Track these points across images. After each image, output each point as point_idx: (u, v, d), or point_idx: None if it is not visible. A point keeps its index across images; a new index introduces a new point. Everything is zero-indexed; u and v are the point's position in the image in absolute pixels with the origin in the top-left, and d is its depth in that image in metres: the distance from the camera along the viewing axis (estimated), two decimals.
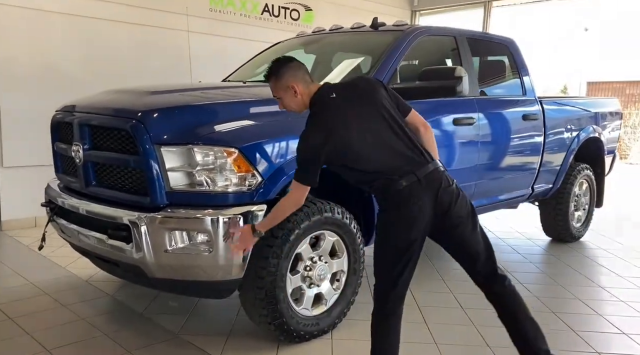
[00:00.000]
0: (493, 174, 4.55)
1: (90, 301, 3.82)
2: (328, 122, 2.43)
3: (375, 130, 2.45)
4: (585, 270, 4.89)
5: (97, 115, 3.12)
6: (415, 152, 2.48)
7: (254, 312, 3.11)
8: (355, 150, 2.42)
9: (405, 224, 2.41)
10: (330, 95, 2.51)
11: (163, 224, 2.81)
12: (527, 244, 5.75)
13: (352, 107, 2.48)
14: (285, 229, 3.01)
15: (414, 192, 2.39)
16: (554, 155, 5.23)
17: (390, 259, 2.46)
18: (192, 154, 2.82)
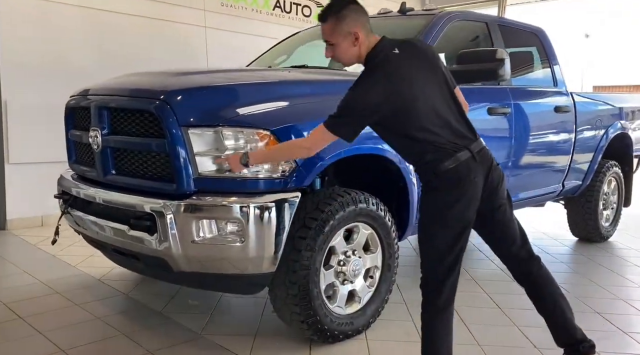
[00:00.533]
0: (526, 168, 4.34)
1: (105, 300, 3.59)
2: (392, 80, 2.17)
3: (433, 97, 2.24)
4: (621, 270, 4.67)
5: (117, 97, 2.90)
6: (465, 127, 2.33)
7: (286, 310, 2.88)
8: (413, 115, 2.19)
9: (463, 204, 2.21)
10: (393, 50, 2.24)
11: (191, 212, 2.59)
12: (554, 244, 5.53)
13: (416, 68, 2.25)
14: (319, 219, 2.80)
15: (471, 168, 2.21)
16: (584, 151, 5.03)
17: (445, 243, 2.24)
18: (222, 136, 2.60)
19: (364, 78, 2.23)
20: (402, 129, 2.23)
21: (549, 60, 4.73)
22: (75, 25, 5.75)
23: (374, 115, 2.20)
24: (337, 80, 3.25)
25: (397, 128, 2.24)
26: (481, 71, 3.25)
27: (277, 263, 2.70)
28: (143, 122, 2.75)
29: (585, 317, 2.66)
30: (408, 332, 3.20)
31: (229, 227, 2.61)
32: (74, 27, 5.74)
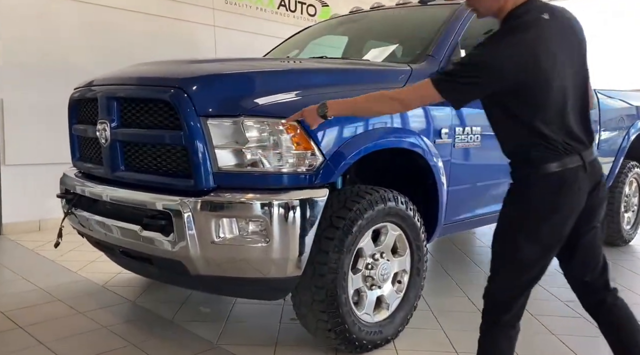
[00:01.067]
0: None
1: (110, 308, 3.35)
2: (536, 47, 1.79)
3: (567, 85, 1.87)
4: None
5: (129, 86, 2.67)
6: (583, 130, 1.93)
7: (311, 317, 2.65)
8: (539, 99, 1.83)
9: (561, 216, 1.87)
10: (542, 14, 1.85)
11: (211, 210, 2.36)
12: None
13: (563, 43, 1.86)
14: (347, 218, 2.58)
15: (579, 177, 1.86)
16: (608, 151, 4.84)
17: (530, 258, 1.90)
18: (244, 127, 2.38)
19: (500, 36, 1.83)
20: (519, 111, 1.86)
21: None
22: (75, 23, 5.52)
23: (496, 85, 1.82)
24: (362, 69, 3.04)
25: (512, 108, 1.87)
26: None
27: (304, 266, 2.47)
28: (157, 113, 2.52)
29: None
30: (440, 341, 2.97)
31: (252, 226, 2.38)
32: (74, 24, 5.51)
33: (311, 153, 2.44)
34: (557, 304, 3.60)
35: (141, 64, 3.02)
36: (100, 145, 2.81)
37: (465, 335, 3.04)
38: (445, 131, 3.07)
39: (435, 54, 3.21)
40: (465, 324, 3.21)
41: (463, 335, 3.03)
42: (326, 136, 2.49)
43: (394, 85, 2.94)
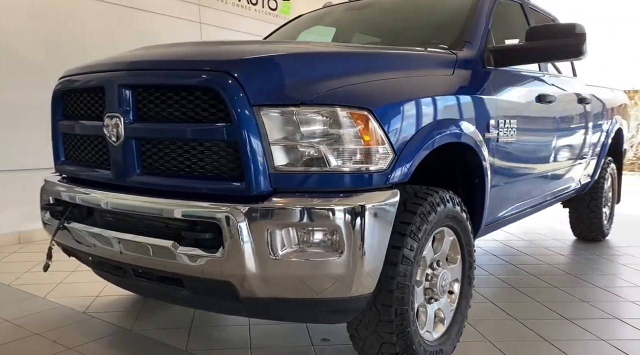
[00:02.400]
0: (561, 162, 3.99)
1: (105, 340, 2.81)
2: None
3: None
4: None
5: (155, 71, 2.17)
6: None
7: (374, 340, 2.28)
8: None
9: None
10: None
11: (273, 218, 1.94)
12: (560, 246, 5.25)
13: None
14: (413, 223, 2.23)
15: None
16: (596, 146, 4.79)
17: None
18: (306, 118, 1.98)
19: None
20: None
21: None
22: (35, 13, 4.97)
23: None
24: (415, 55, 2.70)
25: None
26: (562, 47, 2.82)
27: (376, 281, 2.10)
28: (194, 103, 2.06)
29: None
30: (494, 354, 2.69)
31: (323, 237, 1.98)
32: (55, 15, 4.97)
33: (383, 148, 2.07)
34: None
35: (163, 46, 2.52)
36: (106, 144, 2.31)
37: (514, 345, 2.79)
38: (492, 124, 2.80)
39: (472, 40, 2.94)
40: (507, 333, 2.96)
41: (512, 346, 2.78)
42: (396, 128, 2.13)
43: (444, 71, 2.66)
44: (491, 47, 2.96)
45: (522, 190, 3.42)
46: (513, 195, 3.30)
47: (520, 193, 3.41)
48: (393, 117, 2.12)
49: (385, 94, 2.16)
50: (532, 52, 2.89)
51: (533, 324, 3.10)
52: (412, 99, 2.25)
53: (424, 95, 2.33)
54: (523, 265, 4.44)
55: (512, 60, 2.97)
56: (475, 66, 2.86)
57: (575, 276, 4.15)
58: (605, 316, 3.27)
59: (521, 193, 3.43)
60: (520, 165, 3.29)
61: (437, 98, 2.41)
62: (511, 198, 3.31)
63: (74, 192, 2.44)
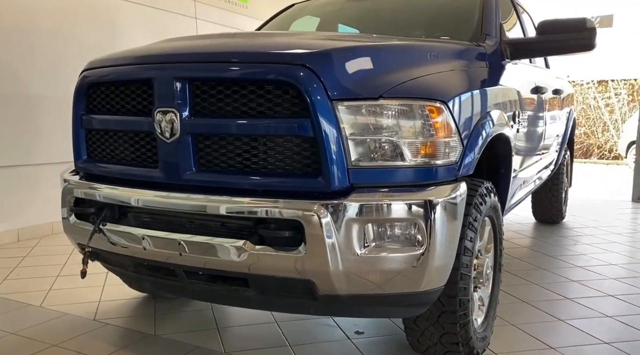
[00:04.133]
0: (547, 150, 4.19)
1: (131, 347, 2.65)
2: None
3: None
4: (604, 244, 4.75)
5: (219, 64, 2.04)
6: None
7: (435, 332, 2.30)
8: None
9: None
10: None
11: (358, 214, 1.90)
12: (525, 228, 5.53)
13: None
14: (470, 215, 2.27)
15: None
16: (563, 134, 5.06)
17: None
18: (384, 112, 1.96)
19: None
20: None
21: None
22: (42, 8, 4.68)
23: None
24: (456, 48, 2.72)
25: None
26: (575, 41, 2.94)
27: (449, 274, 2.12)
28: (266, 97, 1.97)
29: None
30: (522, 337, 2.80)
31: (406, 231, 1.97)
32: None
33: (454, 140, 2.08)
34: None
35: (209, 37, 2.39)
36: (152, 141, 2.17)
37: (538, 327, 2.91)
38: (516, 115, 2.89)
39: (490, 33, 3.01)
40: (525, 316, 3.09)
41: (536, 327, 2.90)
42: (464, 120, 2.16)
43: (481, 64, 2.71)
44: (507, 40, 3.04)
45: (527, 176, 3.56)
46: (523, 181, 3.43)
47: (527, 179, 3.55)
48: (461, 109, 2.14)
49: (452, 86, 2.18)
50: (547, 45, 3.00)
51: (542, 305, 3.24)
52: (470, 91, 2.28)
53: (477, 87, 2.38)
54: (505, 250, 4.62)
55: (526, 53, 3.08)
56: (498, 58, 2.93)
57: (554, 257, 4.39)
58: (601, 294, 3.48)
59: (527, 179, 3.57)
60: (529, 153, 3.43)
61: (485, 90, 2.46)
62: (522, 184, 3.44)
63: (117, 193, 2.27)
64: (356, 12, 3.74)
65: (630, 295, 3.45)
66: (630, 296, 3.43)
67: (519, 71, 3.25)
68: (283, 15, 4.01)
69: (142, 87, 2.19)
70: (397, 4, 3.64)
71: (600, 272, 3.98)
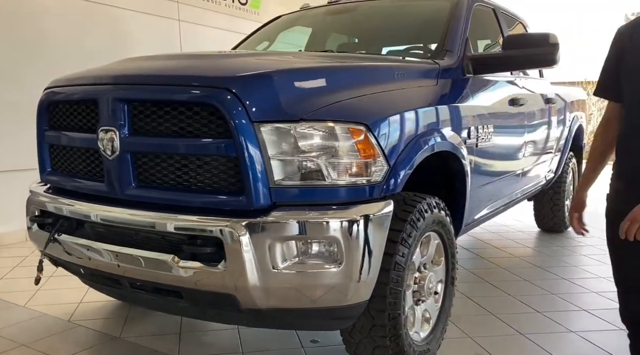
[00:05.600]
0: (530, 161, 4.16)
1: (95, 349, 2.81)
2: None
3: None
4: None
5: (153, 86, 2.18)
6: None
7: (367, 344, 2.37)
8: None
9: None
10: None
11: (276, 232, 1.99)
12: (525, 237, 5.47)
13: None
14: (403, 230, 2.33)
15: None
16: (560, 142, 5.00)
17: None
18: (305, 133, 2.04)
19: None
20: None
21: None
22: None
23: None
24: (403, 66, 2.79)
25: None
26: (538, 56, 2.95)
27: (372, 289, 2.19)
28: (194, 118, 2.08)
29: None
30: (477, 351, 2.82)
31: (323, 248, 2.05)
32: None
33: (378, 161, 2.15)
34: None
35: (157, 58, 2.52)
36: (99, 157, 2.31)
37: (494, 341, 2.93)
38: (472, 131, 2.92)
39: (452, 49, 3.04)
40: (486, 328, 3.11)
41: (495, 341, 2.93)
42: (390, 142, 2.21)
43: (429, 82, 2.75)
44: (470, 56, 3.07)
45: (497, 190, 3.57)
46: (489, 196, 3.44)
47: (495, 193, 3.56)
48: (387, 130, 2.19)
49: (379, 107, 2.24)
50: (509, 60, 3.01)
51: (508, 318, 3.25)
52: (404, 112, 2.33)
53: (414, 106, 2.42)
54: (494, 259, 4.62)
55: (490, 68, 3.09)
56: (456, 74, 2.96)
57: (543, 269, 4.36)
58: (574, 308, 3.46)
59: (496, 193, 3.58)
60: (496, 167, 3.44)
61: (425, 109, 2.51)
62: (488, 198, 3.45)
63: (66, 205, 2.43)
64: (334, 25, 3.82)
65: (605, 311, 3.40)
66: (604, 312, 3.39)
67: (486, 85, 3.27)
68: (268, 27, 4.12)
69: (90, 106, 2.33)
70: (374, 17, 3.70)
71: (585, 286, 3.94)
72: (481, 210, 3.37)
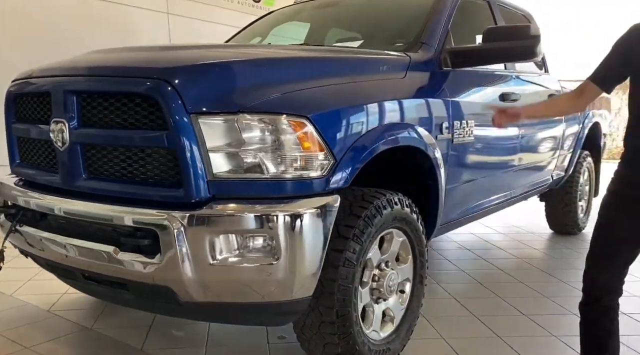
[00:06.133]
0: (528, 158, 4.02)
1: (63, 339, 2.85)
2: None
3: None
4: None
5: (97, 77, 2.20)
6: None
7: (318, 341, 2.33)
8: None
9: None
10: None
11: (208, 225, 1.97)
12: (535, 239, 5.30)
13: None
14: (356, 227, 2.27)
15: None
16: (569, 140, 4.82)
17: None
18: (244, 126, 2.00)
19: None
20: None
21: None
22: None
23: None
24: (364, 58, 2.73)
25: None
26: (517, 49, 2.83)
27: (315, 285, 2.14)
28: (135, 110, 2.08)
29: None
30: (445, 352, 2.74)
31: (258, 243, 2.02)
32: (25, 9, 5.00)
33: (322, 155, 2.10)
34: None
35: (106, 51, 2.54)
36: (54, 148, 2.33)
37: (467, 343, 2.84)
38: (446, 126, 2.82)
39: (429, 42, 2.95)
40: (463, 330, 3.02)
41: (465, 343, 2.84)
42: (337, 135, 2.16)
43: (395, 75, 2.68)
44: (449, 49, 2.97)
45: (483, 189, 3.46)
46: (474, 195, 3.33)
47: (481, 192, 3.45)
48: (333, 123, 2.14)
49: (326, 100, 2.19)
50: (488, 53, 2.91)
51: (489, 320, 3.15)
52: (355, 105, 2.27)
53: (369, 100, 2.36)
54: (494, 260, 4.49)
55: (469, 61, 2.99)
56: (431, 68, 2.87)
57: (542, 271, 4.21)
58: (563, 312, 3.32)
59: (483, 192, 3.47)
60: (482, 165, 3.33)
61: (383, 103, 2.43)
62: (472, 197, 3.34)
63: (24, 196, 2.47)
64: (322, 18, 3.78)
65: None
66: None
67: (470, 79, 3.17)
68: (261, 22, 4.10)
69: (46, 98, 2.36)
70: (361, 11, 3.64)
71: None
72: (465, 208, 3.27)
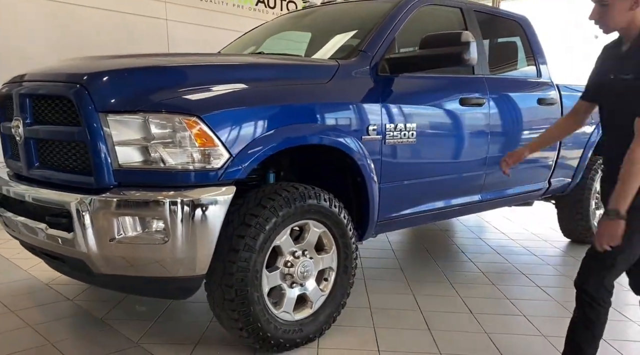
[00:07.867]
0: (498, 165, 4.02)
1: (45, 306, 3.33)
2: None
3: None
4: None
5: (38, 82, 2.66)
6: None
7: (224, 316, 2.61)
8: None
9: None
10: None
11: (108, 207, 2.33)
12: (543, 246, 5.20)
13: None
14: (260, 216, 2.53)
15: None
16: (573, 146, 4.71)
17: None
18: (145, 123, 2.34)
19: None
20: None
21: (532, 51, 4.43)
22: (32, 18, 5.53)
23: None
24: (280, 64, 3.01)
25: None
26: (445, 55, 2.96)
27: (207, 266, 2.44)
28: (62, 109, 2.50)
29: (563, 323, 2.44)
30: (366, 340, 2.91)
31: (150, 224, 2.35)
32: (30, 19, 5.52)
33: (215, 150, 2.39)
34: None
35: (63, 60, 3.00)
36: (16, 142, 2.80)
37: (391, 332, 2.99)
38: (373, 128, 2.99)
39: (368, 50, 3.14)
40: (397, 321, 3.16)
41: (389, 332, 2.99)
42: (232, 133, 2.44)
43: (317, 81, 2.90)
44: (387, 57, 3.14)
45: (436, 191, 3.53)
46: (417, 195, 3.43)
47: (435, 193, 3.53)
48: (227, 122, 2.42)
49: (223, 102, 2.47)
50: (422, 60, 3.05)
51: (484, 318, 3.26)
52: (255, 106, 2.54)
53: (275, 102, 2.61)
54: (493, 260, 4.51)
55: (405, 68, 3.13)
56: (364, 74, 3.05)
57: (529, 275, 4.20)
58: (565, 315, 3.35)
59: (437, 193, 3.54)
60: (429, 166, 3.42)
61: (294, 105, 2.69)
62: (422, 198, 3.45)
63: (4, 183, 2.96)
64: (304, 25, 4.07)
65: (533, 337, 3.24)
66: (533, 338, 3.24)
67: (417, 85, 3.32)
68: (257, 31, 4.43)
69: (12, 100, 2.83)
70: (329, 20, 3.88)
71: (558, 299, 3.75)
72: (407, 208, 3.38)
